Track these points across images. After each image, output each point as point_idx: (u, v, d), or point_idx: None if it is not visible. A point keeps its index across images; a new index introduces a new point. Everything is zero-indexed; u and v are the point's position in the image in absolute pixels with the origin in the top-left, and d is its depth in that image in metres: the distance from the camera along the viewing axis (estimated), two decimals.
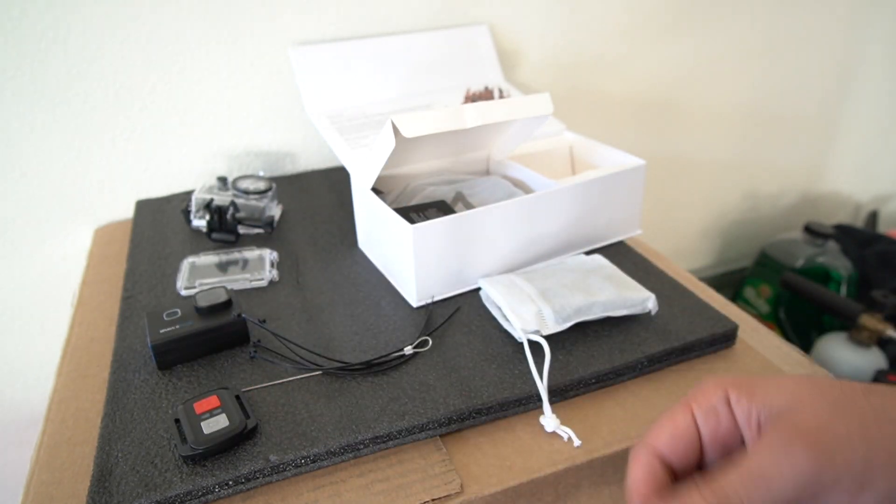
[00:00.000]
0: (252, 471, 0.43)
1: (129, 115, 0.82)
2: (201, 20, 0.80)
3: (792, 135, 1.36)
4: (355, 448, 0.45)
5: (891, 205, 1.62)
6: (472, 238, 0.59)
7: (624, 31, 1.06)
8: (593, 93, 1.09)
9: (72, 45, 0.76)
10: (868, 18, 1.28)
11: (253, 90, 0.86)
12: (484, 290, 0.60)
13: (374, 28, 0.88)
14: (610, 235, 0.70)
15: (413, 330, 0.56)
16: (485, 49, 0.92)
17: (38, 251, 0.84)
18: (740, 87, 1.23)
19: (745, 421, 0.25)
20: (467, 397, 0.48)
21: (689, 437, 0.26)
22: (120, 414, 0.48)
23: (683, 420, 0.26)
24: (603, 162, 0.76)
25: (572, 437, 0.46)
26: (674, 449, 0.26)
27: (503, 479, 0.44)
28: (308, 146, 0.92)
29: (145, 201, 0.83)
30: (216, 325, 0.53)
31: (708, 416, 0.26)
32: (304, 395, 0.49)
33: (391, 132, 0.56)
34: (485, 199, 0.69)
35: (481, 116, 0.60)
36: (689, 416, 0.26)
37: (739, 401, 0.25)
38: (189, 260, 0.67)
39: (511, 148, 0.74)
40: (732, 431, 0.25)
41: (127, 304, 0.61)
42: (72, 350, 0.58)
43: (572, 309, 0.54)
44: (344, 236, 0.73)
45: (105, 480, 0.42)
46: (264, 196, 0.74)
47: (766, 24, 1.18)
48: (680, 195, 1.31)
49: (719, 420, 0.25)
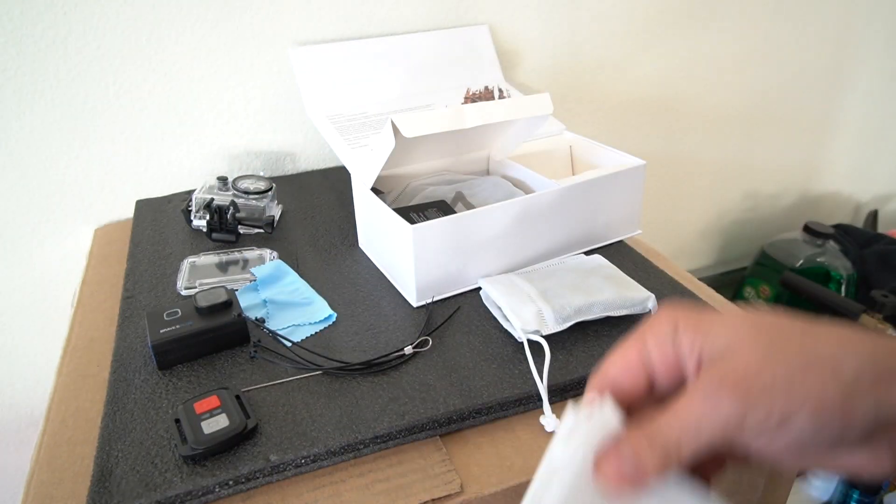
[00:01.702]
0: (252, 471, 0.43)
1: (129, 115, 0.82)
2: (202, 20, 0.80)
3: (792, 135, 1.36)
4: (355, 448, 0.45)
5: (891, 205, 1.62)
6: (472, 238, 0.59)
7: (624, 31, 1.06)
8: (593, 93, 1.09)
9: (72, 45, 0.76)
10: (868, 18, 1.28)
11: (253, 90, 0.86)
12: (484, 290, 0.60)
13: (374, 28, 0.88)
14: (610, 235, 0.70)
15: (413, 330, 0.56)
16: (485, 49, 0.92)
17: (38, 251, 0.84)
18: (740, 87, 1.23)
19: (687, 353, 0.26)
20: (467, 397, 0.48)
21: (640, 366, 0.27)
22: (120, 414, 0.48)
23: (636, 350, 0.27)
24: (603, 162, 0.76)
25: None
26: (626, 378, 0.27)
27: (503, 479, 0.44)
28: (308, 146, 0.92)
29: (145, 201, 0.83)
30: (216, 325, 0.53)
31: (657, 346, 0.27)
32: (304, 395, 0.49)
33: (391, 132, 0.56)
34: (485, 199, 0.69)
35: (481, 116, 0.60)
36: (641, 346, 0.27)
37: (685, 333, 0.26)
38: (189, 260, 0.67)
39: (511, 148, 0.74)
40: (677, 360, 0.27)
41: (127, 304, 0.61)
42: (72, 350, 0.58)
43: (572, 309, 0.54)
44: (344, 236, 0.73)
45: (105, 480, 0.42)
46: (264, 196, 0.74)
47: (765, 24, 1.18)
48: (680, 195, 1.31)
49: (666, 350, 0.27)
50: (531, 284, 0.57)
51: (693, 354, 0.26)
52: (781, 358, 0.24)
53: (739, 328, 0.25)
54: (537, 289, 0.56)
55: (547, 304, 0.54)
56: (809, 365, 0.24)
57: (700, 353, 0.26)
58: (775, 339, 0.25)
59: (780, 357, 0.24)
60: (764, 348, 0.24)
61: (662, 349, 0.27)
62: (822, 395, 0.23)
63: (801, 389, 0.23)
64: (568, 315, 0.54)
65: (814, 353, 0.24)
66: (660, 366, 0.27)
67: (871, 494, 1.04)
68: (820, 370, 0.24)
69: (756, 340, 0.25)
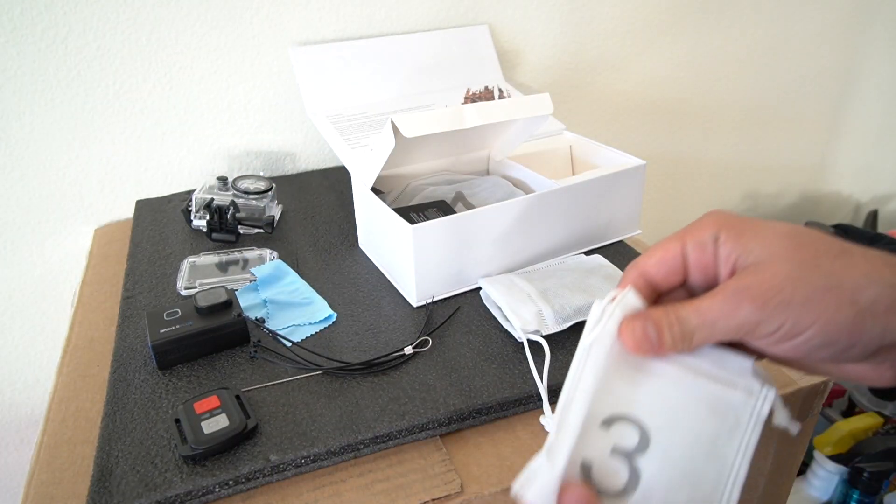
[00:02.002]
0: (252, 471, 0.43)
1: (129, 115, 0.82)
2: (201, 20, 0.80)
3: (792, 135, 1.36)
4: (355, 448, 0.45)
5: (891, 205, 1.62)
6: (472, 238, 0.59)
7: (624, 31, 1.06)
8: (593, 93, 1.09)
9: (72, 45, 0.76)
10: (868, 18, 1.28)
11: (253, 90, 0.86)
12: (484, 290, 0.60)
13: (374, 28, 0.88)
14: (610, 235, 0.70)
15: (413, 330, 0.56)
16: (485, 49, 0.93)
17: (38, 251, 0.84)
18: (740, 87, 1.23)
19: (723, 260, 0.28)
20: (467, 397, 0.48)
21: (674, 262, 0.30)
22: (120, 414, 0.48)
23: (674, 249, 0.29)
24: (603, 162, 0.76)
25: None
26: (660, 272, 0.30)
27: (503, 479, 0.44)
28: (308, 146, 0.92)
29: (145, 201, 0.83)
30: (216, 325, 0.53)
31: (696, 248, 0.29)
32: (304, 395, 0.49)
33: (391, 132, 0.56)
34: (485, 199, 0.69)
35: (481, 116, 0.60)
36: (679, 246, 0.29)
37: (726, 241, 0.28)
38: (189, 260, 0.67)
39: (511, 148, 0.74)
40: (714, 263, 0.29)
41: (127, 304, 0.61)
42: (72, 350, 0.58)
43: (572, 309, 0.54)
44: (344, 236, 0.73)
45: (105, 480, 0.42)
46: (264, 196, 0.74)
47: (766, 24, 1.18)
48: (680, 195, 1.31)
49: (705, 254, 0.29)
50: (531, 284, 0.57)
51: (728, 263, 0.28)
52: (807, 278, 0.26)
53: (776, 244, 0.27)
54: (537, 289, 0.56)
55: (547, 304, 0.54)
56: (831, 288, 0.25)
57: (735, 263, 0.28)
58: (807, 259, 0.26)
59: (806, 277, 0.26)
60: (794, 266, 0.26)
61: (700, 253, 0.29)
62: (835, 316, 0.25)
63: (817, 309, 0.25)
64: (568, 315, 0.54)
65: (839, 277, 0.26)
66: (694, 267, 0.29)
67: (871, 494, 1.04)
68: (839, 294, 0.25)
69: (788, 258, 0.26)
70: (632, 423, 0.28)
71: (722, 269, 0.28)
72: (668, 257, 0.29)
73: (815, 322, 0.25)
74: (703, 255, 0.29)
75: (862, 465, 1.01)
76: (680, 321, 0.27)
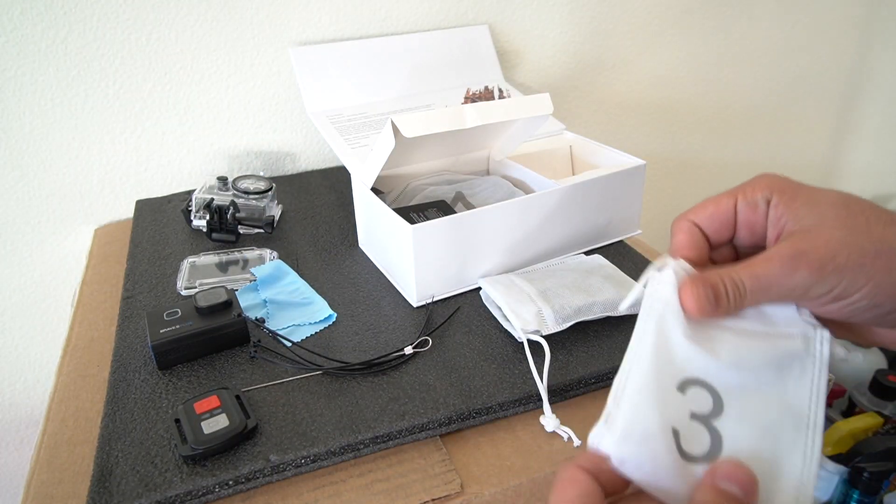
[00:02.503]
0: (252, 471, 0.43)
1: (129, 115, 0.82)
2: (201, 20, 0.80)
3: (793, 135, 1.36)
4: (355, 448, 0.45)
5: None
6: (472, 238, 0.59)
7: (624, 31, 1.06)
8: (593, 93, 1.09)
9: (72, 45, 0.76)
10: (869, 18, 1.28)
11: (253, 90, 0.86)
12: (484, 290, 0.60)
13: (374, 28, 0.88)
14: (610, 235, 0.70)
15: (413, 330, 0.56)
16: (485, 49, 0.93)
17: (38, 251, 0.84)
18: (741, 86, 1.23)
19: (773, 222, 0.29)
20: (467, 397, 0.48)
21: (726, 218, 0.30)
22: (120, 414, 0.48)
23: (726, 205, 0.30)
24: (603, 162, 0.76)
25: (572, 437, 0.46)
26: (710, 224, 0.31)
27: (503, 479, 0.44)
28: (308, 146, 0.92)
29: (145, 201, 0.83)
30: (216, 325, 0.53)
31: (747, 207, 0.30)
32: (304, 395, 0.49)
33: (391, 132, 0.56)
34: (485, 199, 0.69)
35: (481, 116, 0.60)
36: (732, 202, 0.30)
37: (778, 205, 0.29)
38: (189, 260, 0.67)
39: (511, 148, 0.74)
40: (763, 224, 0.30)
41: (127, 304, 0.61)
42: (72, 350, 0.58)
43: (572, 309, 0.54)
44: (344, 236, 0.73)
45: (105, 480, 0.42)
46: (264, 196, 0.74)
47: (767, 24, 1.18)
48: (680, 195, 1.31)
49: (756, 213, 0.30)
50: (531, 284, 0.57)
51: (777, 226, 0.29)
52: (859, 243, 0.27)
53: (828, 211, 0.28)
54: (537, 289, 0.56)
55: (547, 304, 0.54)
56: (881, 253, 0.27)
57: (784, 226, 0.29)
58: (859, 225, 0.27)
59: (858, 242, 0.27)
60: (846, 233, 0.27)
61: (751, 213, 0.30)
62: (884, 279, 0.26)
63: (867, 272, 0.26)
64: (568, 315, 0.54)
65: (889, 242, 0.27)
66: (742, 225, 0.30)
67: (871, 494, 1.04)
68: (889, 258, 0.26)
69: (841, 224, 0.27)
70: (703, 386, 0.28)
71: (770, 231, 0.29)
72: (719, 212, 0.30)
73: (865, 285, 0.26)
74: (753, 215, 0.30)
75: (862, 465, 1.01)
76: (735, 284, 0.28)
